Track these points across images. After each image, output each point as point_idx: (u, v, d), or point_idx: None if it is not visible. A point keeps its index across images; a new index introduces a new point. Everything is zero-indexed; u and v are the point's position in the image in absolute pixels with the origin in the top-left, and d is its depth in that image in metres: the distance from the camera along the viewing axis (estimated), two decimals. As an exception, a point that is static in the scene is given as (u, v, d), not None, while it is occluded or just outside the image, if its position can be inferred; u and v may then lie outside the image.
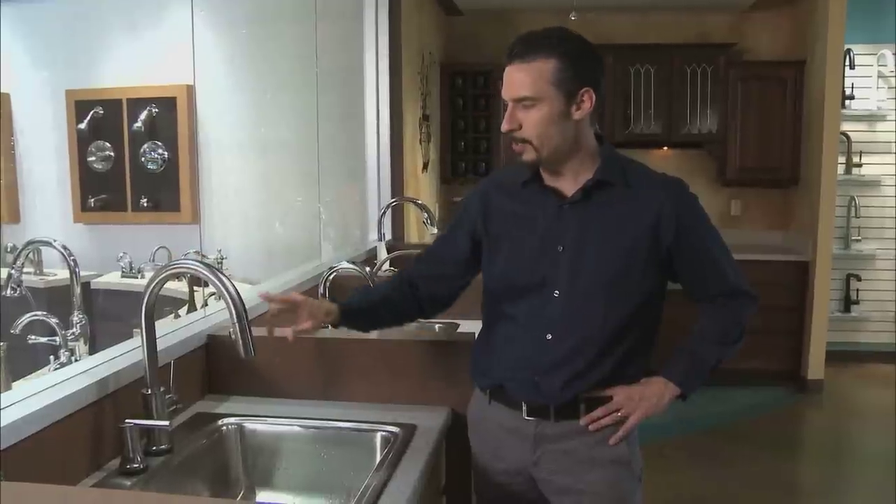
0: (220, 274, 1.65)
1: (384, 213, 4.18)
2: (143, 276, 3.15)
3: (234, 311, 1.60)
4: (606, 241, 1.78)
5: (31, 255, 2.75)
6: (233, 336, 1.62)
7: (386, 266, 3.69)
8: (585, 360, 1.79)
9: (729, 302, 1.90)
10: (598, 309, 1.79)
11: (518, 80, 1.72)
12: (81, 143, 3.40)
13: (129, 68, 3.43)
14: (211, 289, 2.87)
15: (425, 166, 5.79)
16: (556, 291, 1.79)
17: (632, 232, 1.79)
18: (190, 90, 3.16)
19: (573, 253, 1.79)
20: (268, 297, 1.87)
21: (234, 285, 1.62)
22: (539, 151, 1.76)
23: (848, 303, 6.64)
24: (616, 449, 1.84)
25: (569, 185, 1.82)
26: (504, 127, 1.76)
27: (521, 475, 1.90)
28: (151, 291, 1.70)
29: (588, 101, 1.74)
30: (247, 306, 1.64)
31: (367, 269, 2.98)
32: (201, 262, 1.76)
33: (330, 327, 1.96)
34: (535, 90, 1.71)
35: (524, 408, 1.85)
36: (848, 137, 6.42)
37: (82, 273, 2.25)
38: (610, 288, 1.78)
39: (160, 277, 1.70)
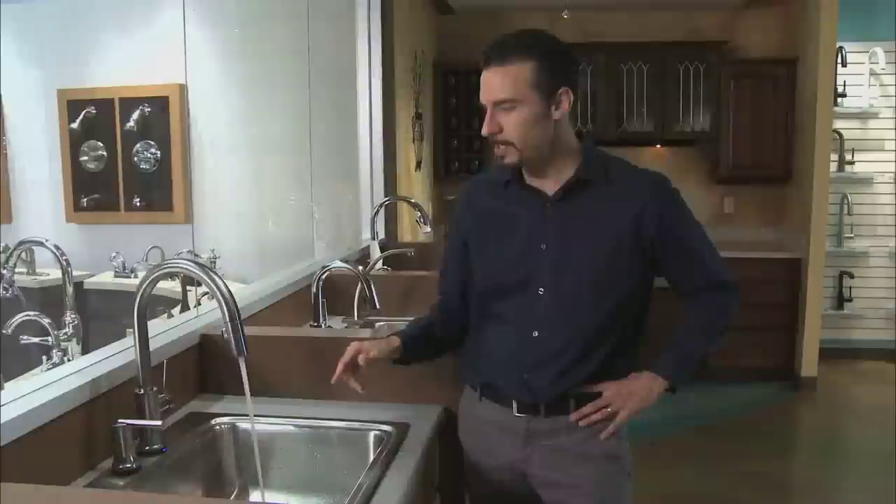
0: (212, 273, 1.65)
1: (377, 211, 4.18)
2: (135, 276, 3.14)
3: (226, 311, 1.60)
4: (589, 237, 1.80)
5: (23, 255, 2.74)
6: (225, 336, 1.62)
7: (379, 265, 3.69)
8: (573, 357, 1.80)
9: (714, 295, 1.91)
10: (584, 305, 1.80)
11: (496, 83, 1.73)
12: (74, 143, 3.39)
13: (121, 68, 3.42)
14: (204, 288, 2.87)
15: (418, 165, 5.80)
16: (542, 289, 1.81)
17: (614, 227, 1.80)
18: (182, 89, 3.14)
19: (556, 251, 1.80)
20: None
21: (226, 285, 1.62)
22: (521, 153, 1.77)
23: (841, 300, 6.66)
24: (606, 444, 1.85)
25: (551, 183, 1.84)
26: (484, 131, 1.77)
27: (512, 471, 1.90)
28: (144, 291, 1.70)
29: (566, 100, 1.77)
30: (239, 306, 1.64)
31: (360, 267, 2.98)
32: (193, 262, 1.76)
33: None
34: (514, 92, 1.72)
35: (514, 405, 1.86)
36: (840, 135, 6.44)
37: (75, 273, 2.25)
38: (594, 284, 1.80)
39: (152, 277, 1.70)
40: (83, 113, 3.38)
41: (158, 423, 1.72)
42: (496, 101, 1.74)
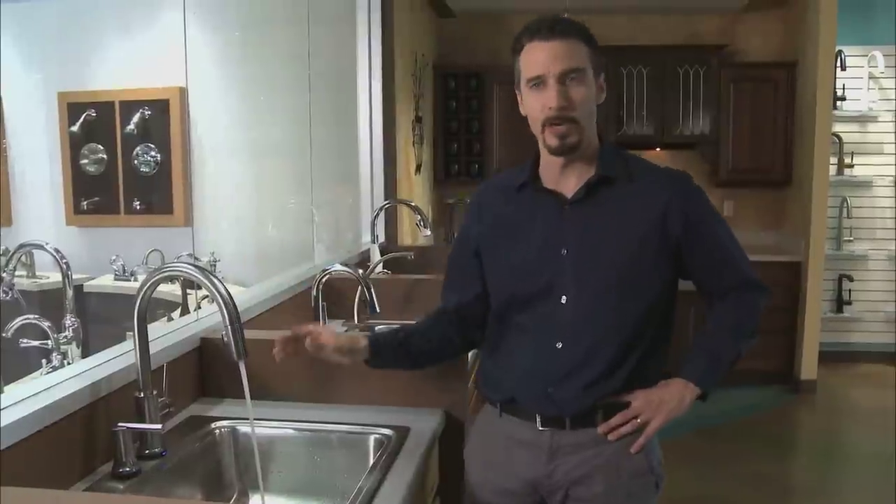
0: (212, 276, 1.65)
1: (377, 215, 4.18)
2: (135, 279, 3.14)
3: (226, 314, 1.60)
4: (612, 239, 1.71)
5: (23, 258, 2.74)
6: (225, 339, 1.62)
7: (379, 268, 3.69)
8: (599, 367, 1.71)
9: (743, 294, 1.83)
10: (609, 311, 1.71)
11: (565, 52, 1.65)
12: (74, 146, 3.39)
13: (121, 71, 3.42)
14: (204, 291, 2.87)
15: (418, 168, 5.80)
16: (564, 297, 1.72)
17: (638, 227, 1.72)
18: (183, 92, 3.14)
19: (578, 255, 1.71)
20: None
21: (226, 288, 1.62)
22: (582, 133, 1.69)
23: (840, 303, 6.66)
24: (635, 458, 1.76)
25: (570, 184, 1.75)
26: (555, 103, 1.65)
27: (534, 490, 1.81)
28: (144, 294, 1.70)
29: (604, 88, 1.74)
30: (239, 309, 1.64)
31: (360, 271, 2.98)
32: (193, 265, 1.76)
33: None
34: (582, 63, 1.67)
35: (538, 419, 1.77)
36: (839, 138, 6.45)
37: (74, 276, 2.25)
38: (619, 288, 1.71)
39: (152, 280, 1.70)
40: (83, 116, 3.37)
41: (158, 426, 1.72)
42: (567, 69, 1.65)
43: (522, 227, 1.78)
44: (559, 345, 1.73)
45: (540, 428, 1.77)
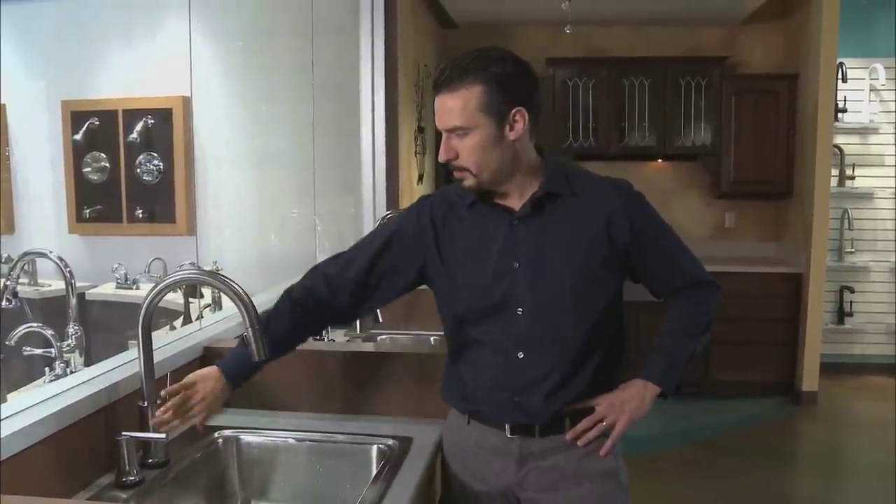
0: (228, 280, 1.65)
1: (379, 225, 4.18)
2: (137, 288, 3.14)
3: (247, 316, 1.61)
4: (561, 250, 1.77)
5: (26, 266, 2.74)
6: (246, 341, 1.62)
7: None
8: (562, 372, 1.77)
9: (694, 293, 1.90)
10: (565, 320, 1.77)
11: (447, 109, 1.70)
12: (77, 154, 3.39)
13: (125, 79, 3.42)
14: (206, 301, 2.87)
15: (420, 178, 5.80)
16: (520, 309, 1.77)
17: (585, 238, 1.77)
18: (186, 102, 3.16)
19: (530, 268, 1.77)
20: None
21: (245, 291, 1.62)
22: (478, 177, 1.74)
23: (842, 315, 6.66)
24: (604, 461, 1.82)
25: (516, 201, 1.80)
26: (441, 157, 1.75)
27: (505, 496, 1.86)
28: (151, 303, 1.70)
29: (521, 120, 1.72)
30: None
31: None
32: (207, 271, 1.76)
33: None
34: (464, 119, 1.69)
35: (507, 427, 1.82)
36: (841, 150, 6.46)
37: (77, 284, 2.25)
38: (572, 297, 1.76)
39: (162, 286, 1.70)
40: (87, 124, 3.38)
41: (162, 435, 1.72)
42: (448, 127, 1.72)
43: (478, 244, 1.82)
44: (520, 354, 1.78)
45: (509, 436, 1.82)
